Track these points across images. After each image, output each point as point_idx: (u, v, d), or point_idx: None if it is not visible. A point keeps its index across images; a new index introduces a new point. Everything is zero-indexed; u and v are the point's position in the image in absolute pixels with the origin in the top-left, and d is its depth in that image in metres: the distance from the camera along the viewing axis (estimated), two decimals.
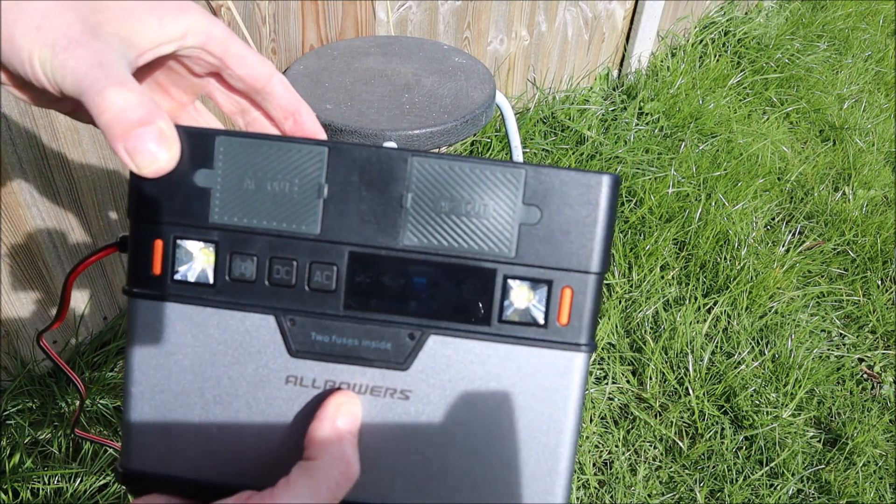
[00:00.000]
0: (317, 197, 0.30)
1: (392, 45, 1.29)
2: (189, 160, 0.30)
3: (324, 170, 0.30)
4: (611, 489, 1.23)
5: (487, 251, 0.30)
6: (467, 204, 0.30)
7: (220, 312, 0.31)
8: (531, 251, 0.30)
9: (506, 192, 0.30)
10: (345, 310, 0.31)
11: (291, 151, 0.30)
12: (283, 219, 0.30)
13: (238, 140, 0.30)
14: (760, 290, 1.61)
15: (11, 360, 1.16)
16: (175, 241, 0.30)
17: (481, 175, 0.30)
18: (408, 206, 0.30)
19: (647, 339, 1.47)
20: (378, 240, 0.30)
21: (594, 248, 0.30)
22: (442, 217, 0.30)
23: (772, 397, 1.41)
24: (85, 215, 1.14)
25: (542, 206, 0.30)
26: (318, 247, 0.30)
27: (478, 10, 1.67)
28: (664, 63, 2.38)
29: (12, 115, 0.97)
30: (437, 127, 1.04)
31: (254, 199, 0.30)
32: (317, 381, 0.31)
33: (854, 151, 2.20)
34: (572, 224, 0.30)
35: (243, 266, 0.30)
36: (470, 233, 0.30)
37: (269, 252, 0.30)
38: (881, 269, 1.76)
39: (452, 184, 0.30)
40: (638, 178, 1.87)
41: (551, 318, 0.31)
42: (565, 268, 0.30)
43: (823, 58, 2.66)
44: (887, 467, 1.32)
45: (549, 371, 0.31)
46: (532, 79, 2.02)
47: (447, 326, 0.31)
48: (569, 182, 0.30)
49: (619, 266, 1.63)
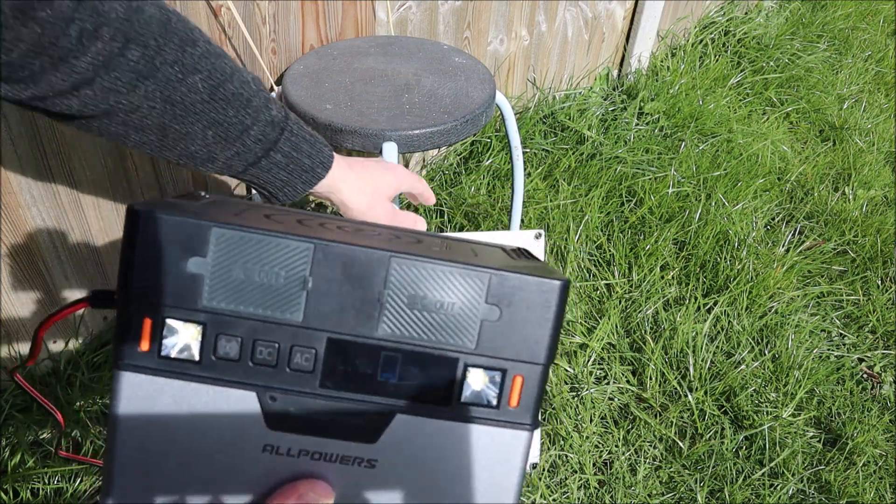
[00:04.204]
0: (301, 288, 0.33)
1: (392, 45, 1.29)
2: (184, 247, 0.32)
3: (309, 265, 0.33)
4: (611, 489, 1.23)
5: (451, 343, 0.34)
6: (437, 302, 0.34)
7: (204, 388, 0.33)
8: (489, 344, 0.34)
9: (471, 292, 0.34)
10: (321, 389, 0.34)
11: (280, 246, 0.33)
12: (268, 306, 0.33)
13: (231, 232, 0.32)
14: (760, 290, 1.61)
15: (11, 360, 1.16)
16: (164, 320, 0.32)
17: (451, 277, 0.34)
18: (384, 301, 0.33)
19: (647, 339, 1.47)
20: (355, 329, 0.34)
21: (544, 343, 0.35)
22: (414, 312, 0.34)
23: (772, 397, 1.41)
24: (85, 215, 1.14)
25: (502, 306, 0.34)
26: (299, 332, 0.33)
27: (478, 10, 1.67)
28: (664, 63, 2.38)
29: (12, 116, 0.97)
30: (437, 127, 1.04)
31: (242, 286, 0.33)
32: (292, 450, 0.34)
33: (854, 151, 2.20)
34: (527, 323, 0.35)
35: (228, 346, 0.33)
36: (437, 327, 0.34)
37: (254, 335, 0.33)
38: (881, 269, 1.76)
39: (425, 284, 0.34)
40: (638, 178, 1.87)
41: (503, 402, 0.35)
42: (518, 359, 0.35)
43: (823, 58, 2.66)
44: (887, 467, 1.32)
45: (499, 446, 0.35)
46: (532, 79, 2.02)
47: (412, 407, 0.35)
48: (526, 286, 0.34)
49: (619, 266, 1.63)
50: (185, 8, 1.09)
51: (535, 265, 0.37)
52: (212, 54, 0.50)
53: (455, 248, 0.40)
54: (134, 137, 0.49)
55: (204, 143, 0.52)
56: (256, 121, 0.53)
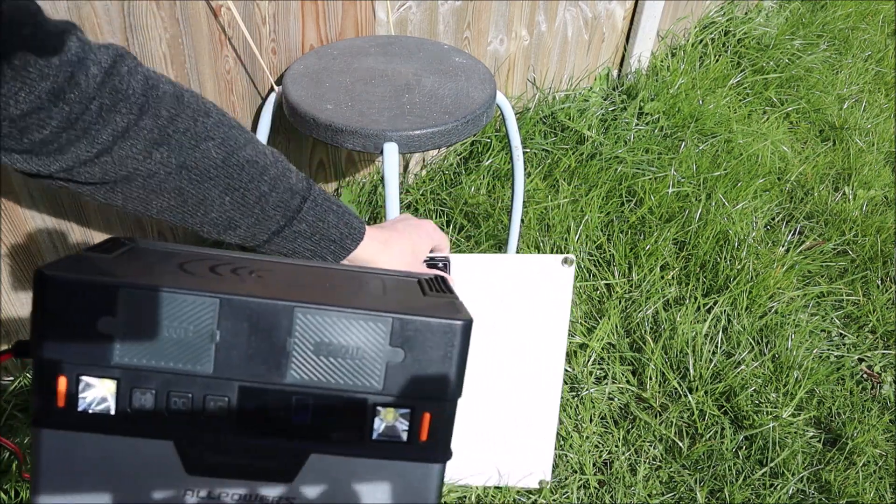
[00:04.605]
0: (210, 341, 0.34)
1: (392, 45, 1.29)
2: (93, 308, 0.33)
3: (215, 319, 0.34)
4: (611, 489, 1.23)
5: (360, 386, 0.35)
6: (342, 347, 0.35)
7: (122, 439, 0.34)
8: (396, 384, 0.36)
9: (375, 337, 0.35)
10: (236, 434, 0.35)
11: (186, 302, 0.33)
12: (179, 359, 0.34)
13: (139, 292, 0.33)
14: (760, 290, 1.61)
15: (12, 360, 1.16)
16: (78, 377, 0.33)
17: (354, 323, 0.35)
18: (290, 350, 0.34)
19: (647, 339, 1.47)
20: (265, 377, 0.34)
21: (449, 380, 0.36)
22: (321, 358, 0.35)
23: (772, 397, 1.41)
24: (85, 215, 1.14)
25: (406, 347, 0.35)
26: (211, 382, 0.34)
27: (478, 10, 1.67)
28: (664, 63, 2.38)
29: None
30: (437, 127, 1.04)
31: (152, 342, 0.33)
32: (212, 493, 0.35)
33: (854, 151, 2.20)
34: (431, 362, 0.36)
35: (143, 398, 0.34)
36: (344, 371, 0.35)
37: (167, 387, 0.34)
38: (881, 269, 1.76)
39: (330, 331, 0.35)
40: (638, 178, 1.87)
41: (413, 437, 0.36)
42: (425, 397, 0.36)
43: (823, 58, 2.66)
44: (887, 467, 1.32)
45: (412, 479, 0.37)
46: (532, 79, 2.02)
47: (326, 447, 0.36)
48: (428, 328, 0.35)
49: (619, 266, 1.63)
50: (185, 8, 1.09)
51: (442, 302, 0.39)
52: (225, 124, 0.53)
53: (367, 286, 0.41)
54: (155, 203, 0.52)
55: (222, 209, 0.54)
56: (274, 188, 0.55)
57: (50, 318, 0.32)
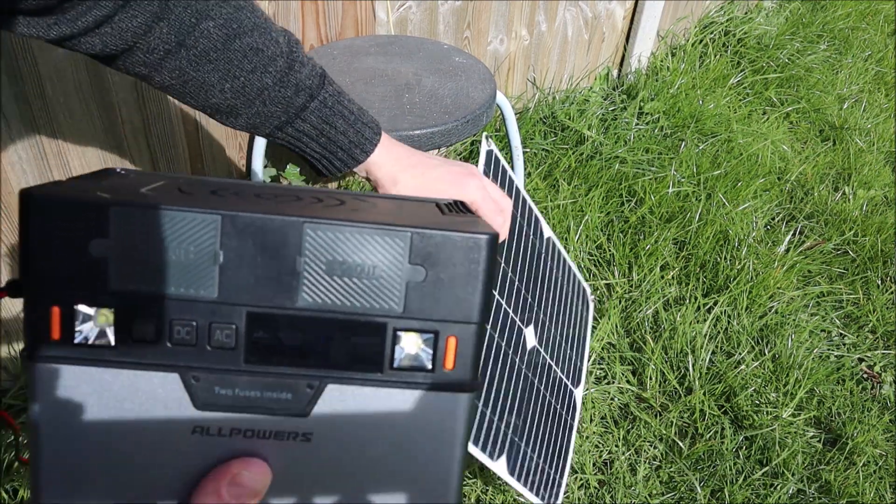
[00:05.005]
0: (212, 263, 0.32)
1: (392, 44, 1.29)
2: (83, 230, 0.31)
3: (218, 238, 0.32)
4: (611, 489, 1.23)
5: (378, 308, 0.33)
6: (357, 266, 0.33)
7: (124, 373, 0.32)
8: (418, 306, 0.33)
9: (393, 254, 0.33)
10: (245, 365, 0.33)
11: (185, 221, 0.31)
12: (180, 284, 0.32)
13: (132, 210, 0.31)
14: (760, 290, 1.61)
15: (12, 360, 1.16)
16: (72, 306, 0.31)
17: (370, 239, 0.33)
18: (301, 270, 0.32)
19: (647, 339, 1.47)
20: (274, 300, 0.32)
21: (475, 301, 0.34)
22: (334, 279, 0.33)
23: (772, 397, 1.41)
24: None
25: (427, 265, 0.33)
26: (216, 308, 0.32)
27: (478, 10, 1.67)
28: (664, 63, 2.38)
29: (12, 116, 0.97)
30: (437, 127, 1.04)
31: (150, 266, 0.31)
32: (223, 429, 0.33)
33: (854, 151, 2.20)
34: (454, 280, 0.33)
35: (144, 328, 0.32)
36: (361, 292, 0.33)
37: (169, 315, 0.32)
38: (881, 269, 1.76)
39: (343, 248, 0.33)
40: (638, 178, 1.87)
41: (438, 364, 0.34)
42: (449, 319, 0.34)
43: (823, 58, 2.66)
44: (887, 467, 1.32)
45: (437, 410, 0.34)
46: (532, 79, 2.02)
47: (343, 376, 0.33)
48: (450, 243, 0.33)
49: (620, 266, 1.63)
50: None
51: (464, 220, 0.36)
52: (232, 6, 0.50)
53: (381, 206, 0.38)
54: (157, 78, 0.51)
55: (223, 96, 0.52)
56: (280, 81, 0.52)
57: (38, 243, 0.30)
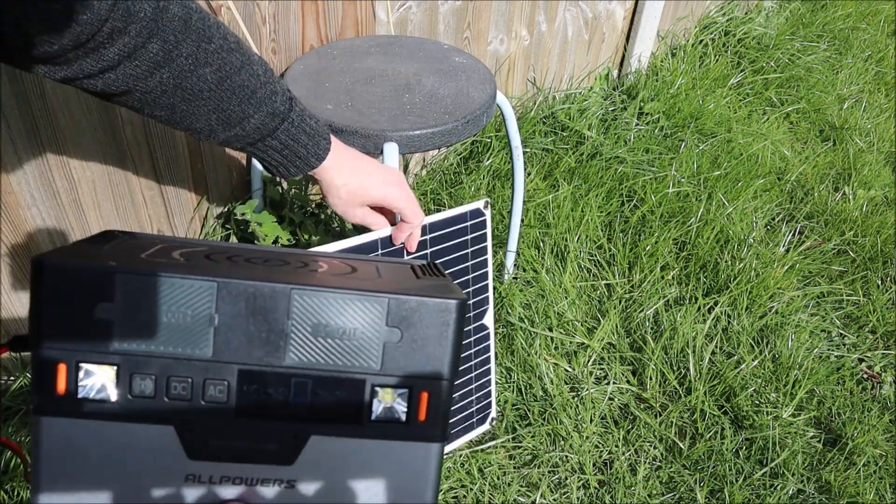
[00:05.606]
0: (208, 325, 0.34)
1: (392, 44, 1.29)
2: (91, 294, 0.33)
3: (214, 302, 0.34)
4: (611, 489, 1.23)
5: (357, 366, 0.36)
6: (339, 328, 0.36)
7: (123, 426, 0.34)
8: (394, 364, 0.36)
9: (372, 317, 0.36)
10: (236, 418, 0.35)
11: (184, 287, 0.34)
12: (178, 344, 0.34)
13: (137, 277, 0.33)
14: (760, 290, 1.61)
15: (12, 360, 1.16)
16: (77, 364, 0.33)
17: (351, 304, 0.36)
18: (289, 332, 0.35)
19: (647, 339, 1.47)
20: (264, 359, 0.35)
21: (445, 360, 0.37)
22: (318, 340, 0.35)
23: (772, 397, 1.41)
24: (85, 215, 1.14)
25: (402, 327, 0.36)
26: (210, 366, 0.35)
27: (478, 10, 1.67)
28: (664, 63, 2.38)
29: (12, 115, 0.97)
30: (438, 127, 1.04)
31: (151, 327, 0.34)
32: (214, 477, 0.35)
33: (854, 151, 2.20)
34: (427, 341, 0.36)
35: (143, 384, 0.34)
36: (342, 352, 0.36)
37: (167, 372, 0.34)
38: (881, 269, 1.76)
39: (327, 312, 0.35)
40: (638, 178, 1.87)
41: (412, 417, 0.37)
42: (422, 376, 0.37)
43: (823, 58, 2.66)
44: (887, 467, 1.32)
45: (411, 459, 0.37)
46: (532, 79, 2.02)
47: (326, 428, 0.36)
48: (424, 307, 0.36)
49: (620, 266, 1.63)
50: None
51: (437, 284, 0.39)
52: (224, 49, 0.56)
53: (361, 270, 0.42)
54: (147, 112, 0.57)
55: (207, 123, 0.59)
56: (258, 111, 0.60)
57: (48, 306, 0.32)
